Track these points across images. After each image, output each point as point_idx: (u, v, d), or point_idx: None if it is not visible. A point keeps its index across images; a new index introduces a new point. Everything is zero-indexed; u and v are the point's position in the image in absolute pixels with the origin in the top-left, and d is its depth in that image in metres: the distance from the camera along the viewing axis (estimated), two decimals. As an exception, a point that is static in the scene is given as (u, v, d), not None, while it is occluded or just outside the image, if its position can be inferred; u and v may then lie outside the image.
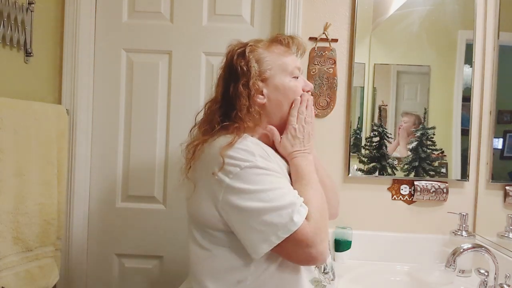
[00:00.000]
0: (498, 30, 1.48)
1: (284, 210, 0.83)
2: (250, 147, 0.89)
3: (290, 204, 0.84)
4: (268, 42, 1.03)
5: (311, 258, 0.85)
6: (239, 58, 0.99)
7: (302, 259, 0.87)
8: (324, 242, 0.86)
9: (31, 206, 1.21)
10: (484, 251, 1.14)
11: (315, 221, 0.85)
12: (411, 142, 1.54)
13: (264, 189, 0.84)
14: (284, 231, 0.82)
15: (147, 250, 1.60)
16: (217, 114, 0.99)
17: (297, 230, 0.82)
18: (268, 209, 0.83)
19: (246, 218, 0.85)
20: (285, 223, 0.82)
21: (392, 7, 1.53)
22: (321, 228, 0.86)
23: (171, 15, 1.59)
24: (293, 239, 0.82)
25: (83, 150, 1.56)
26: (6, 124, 1.13)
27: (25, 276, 1.21)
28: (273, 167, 0.90)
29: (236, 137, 0.91)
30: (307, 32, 1.53)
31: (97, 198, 1.61)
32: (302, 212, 0.84)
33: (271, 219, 0.83)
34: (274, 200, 0.84)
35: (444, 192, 1.52)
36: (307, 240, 0.83)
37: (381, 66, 1.55)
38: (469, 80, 1.53)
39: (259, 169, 0.86)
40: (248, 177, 0.85)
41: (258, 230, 0.84)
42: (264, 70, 0.98)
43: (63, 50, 1.51)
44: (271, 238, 0.83)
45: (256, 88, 0.97)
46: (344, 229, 1.50)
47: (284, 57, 1.01)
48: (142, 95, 1.59)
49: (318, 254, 0.85)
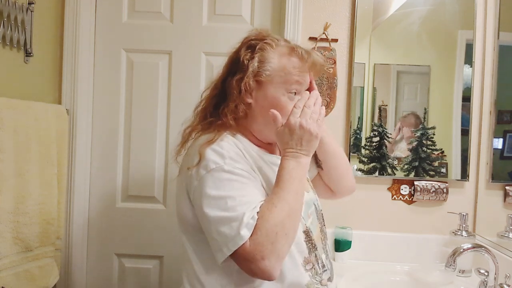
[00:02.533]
0: (498, 30, 1.48)
1: (235, 222, 0.80)
2: (224, 148, 0.88)
3: (241, 217, 0.80)
4: (288, 49, 0.96)
5: (253, 272, 0.81)
6: (247, 50, 0.95)
7: (248, 272, 0.83)
8: (266, 260, 0.79)
9: (31, 206, 1.21)
10: (484, 251, 1.14)
11: (257, 237, 0.79)
12: (411, 142, 1.54)
13: (223, 196, 0.83)
14: (232, 243, 0.80)
15: (147, 250, 1.60)
16: (212, 102, 0.99)
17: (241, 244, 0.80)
18: (222, 219, 0.82)
19: (207, 224, 0.85)
20: (234, 235, 0.80)
21: (392, 7, 1.53)
22: (264, 244, 0.79)
23: (171, 15, 1.59)
24: (238, 253, 0.80)
25: (83, 150, 1.56)
26: (6, 124, 1.12)
27: (25, 276, 1.21)
28: (240, 171, 0.86)
29: (216, 135, 0.90)
30: (307, 32, 1.53)
31: (97, 198, 1.61)
32: (250, 226, 0.80)
33: (224, 230, 0.81)
34: (230, 209, 0.82)
35: (444, 192, 1.52)
36: (246, 255, 0.80)
37: (381, 66, 1.55)
38: (469, 80, 1.53)
39: (224, 172, 0.85)
40: (212, 181, 0.85)
41: (213, 238, 0.84)
42: (262, 72, 0.93)
43: (63, 50, 1.51)
44: (223, 249, 0.82)
45: (247, 87, 0.92)
46: (344, 229, 1.50)
47: (290, 68, 0.94)
48: (142, 95, 1.59)
49: (259, 271, 0.80)
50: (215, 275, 0.91)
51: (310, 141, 0.90)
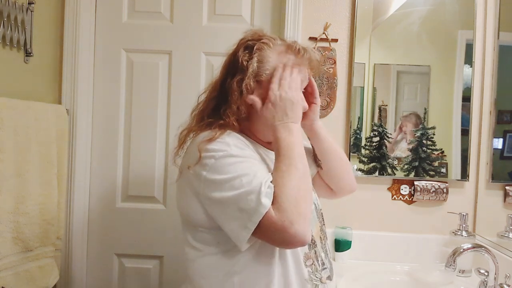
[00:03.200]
0: (498, 30, 1.48)
1: (253, 195, 0.81)
2: (225, 139, 0.88)
3: (257, 187, 0.81)
4: (284, 47, 0.98)
5: (287, 241, 0.82)
6: (245, 51, 0.95)
7: (280, 242, 0.84)
8: (295, 224, 0.80)
9: (31, 206, 1.21)
10: (484, 251, 1.14)
11: (280, 204, 0.81)
12: (411, 142, 1.54)
13: (237, 176, 0.83)
14: (256, 215, 0.80)
15: (147, 250, 1.60)
16: (211, 104, 0.99)
17: (265, 215, 0.80)
18: (239, 196, 0.82)
19: (225, 208, 0.84)
20: (255, 207, 0.80)
21: (392, 7, 1.53)
22: (288, 209, 0.81)
23: (171, 15, 1.59)
24: (265, 224, 0.80)
25: (83, 150, 1.56)
26: (6, 124, 1.12)
27: (25, 276, 1.21)
28: (248, 153, 0.88)
29: (218, 133, 0.90)
30: (307, 32, 1.53)
31: (97, 198, 1.61)
32: (269, 195, 0.81)
33: (244, 205, 0.81)
34: (245, 185, 0.82)
35: (444, 192, 1.52)
36: (274, 224, 0.80)
37: (381, 66, 1.55)
38: (469, 80, 1.53)
39: (233, 157, 0.86)
40: (223, 167, 0.85)
41: (235, 218, 0.83)
42: (262, 72, 0.94)
43: (63, 50, 1.51)
44: (247, 224, 0.81)
45: (248, 88, 0.93)
46: (344, 229, 1.50)
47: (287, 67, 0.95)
48: (142, 95, 1.59)
49: (292, 238, 0.80)
50: (219, 273, 0.91)
51: (293, 109, 0.92)
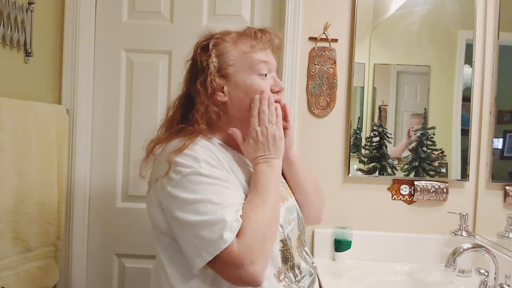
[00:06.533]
0: (498, 30, 1.48)
1: (217, 225, 0.77)
2: (197, 152, 0.85)
3: (223, 220, 0.77)
4: (238, 35, 0.95)
5: (241, 280, 0.79)
6: (202, 52, 0.94)
7: (232, 280, 0.80)
8: (255, 263, 0.77)
9: (31, 206, 1.21)
10: (484, 251, 1.14)
11: (246, 240, 0.77)
12: (411, 142, 1.54)
13: (202, 199, 0.79)
14: (214, 248, 0.77)
15: (147, 250, 1.60)
16: (178, 112, 0.97)
17: (225, 249, 0.76)
18: (202, 223, 0.78)
19: (183, 229, 0.81)
20: (216, 239, 0.76)
21: (392, 7, 1.53)
22: (255, 246, 0.78)
23: (171, 15, 1.59)
24: (222, 258, 0.77)
25: (83, 150, 1.56)
26: (6, 124, 1.12)
27: (25, 276, 1.20)
28: (218, 174, 0.83)
29: (187, 141, 0.86)
30: (307, 32, 1.53)
31: (97, 198, 1.61)
32: (234, 229, 0.77)
33: (204, 234, 0.78)
34: (210, 212, 0.78)
35: (444, 192, 1.52)
36: (234, 260, 0.76)
37: (381, 66, 1.55)
38: (469, 80, 1.53)
39: (201, 176, 0.81)
40: (188, 185, 0.81)
41: (192, 244, 0.80)
42: (226, 65, 0.92)
43: (63, 50, 1.51)
44: (203, 254, 0.78)
45: (215, 85, 0.91)
46: (344, 229, 1.50)
47: (250, 52, 0.92)
48: (142, 95, 1.59)
49: (247, 277, 0.78)
50: (190, 284, 0.87)
51: (275, 144, 0.91)
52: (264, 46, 0.94)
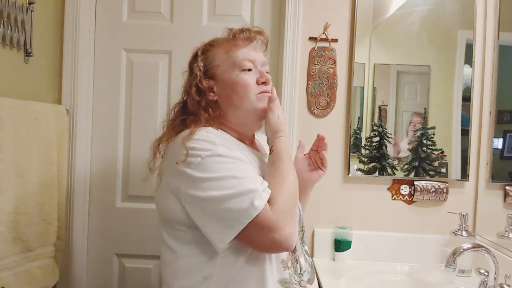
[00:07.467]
0: (498, 30, 1.48)
1: (245, 196, 0.81)
2: (211, 137, 0.88)
3: (251, 190, 0.82)
4: (222, 39, 1.03)
5: (276, 243, 0.82)
6: (193, 60, 1.02)
7: (267, 245, 0.84)
8: (288, 226, 0.83)
9: (31, 206, 1.21)
10: (484, 251, 1.14)
11: (278, 205, 0.83)
12: (411, 142, 1.54)
13: (226, 176, 0.83)
14: (245, 216, 0.80)
15: (147, 250, 1.60)
16: (178, 116, 1.01)
17: (259, 214, 0.80)
18: (229, 196, 0.81)
19: (209, 207, 0.84)
20: (246, 208, 0.80)
21: (392, 7, 1.53)
22: (286, 212, 0.84)
23: (171, 15, 1.59)
24: (255, 224, 0.80)
25: (83, 150, 1.56)
26: (6, 124, 1.12)
27: (25, 276, 1.20)
28: (235, 154, 0.88)
29: (195, 128, 0.90)
30: (307, 32, 1.53)
31: (97, 198, 1.61)
32: (263, 197, 0.82)
33: (232, 206, 0.81)
34: (235, 186, 0.82)
35: (444, 192, 1.52)
36: (269, 224, 0.81)
37: (381, 66, 1.55)
38: (469, 80, 1.53)
39: (220, 157, 0.85)
40: (209, 166, 0.84)
41: (221, 218, 0.82)
42: (212, 67, 0.99)
43: (63, 50, 1.51)
44: (234, 224, 0.81)
45: (205, 86, 0.97)
46: (344, 229, 1.50)
47: (232, 51, 0.98)
48: (142, 95, 1.59)
49: (282, 239, 0.82)
50: (195, 275, 0.90)
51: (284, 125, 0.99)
52: (244, 43, 1.00)
